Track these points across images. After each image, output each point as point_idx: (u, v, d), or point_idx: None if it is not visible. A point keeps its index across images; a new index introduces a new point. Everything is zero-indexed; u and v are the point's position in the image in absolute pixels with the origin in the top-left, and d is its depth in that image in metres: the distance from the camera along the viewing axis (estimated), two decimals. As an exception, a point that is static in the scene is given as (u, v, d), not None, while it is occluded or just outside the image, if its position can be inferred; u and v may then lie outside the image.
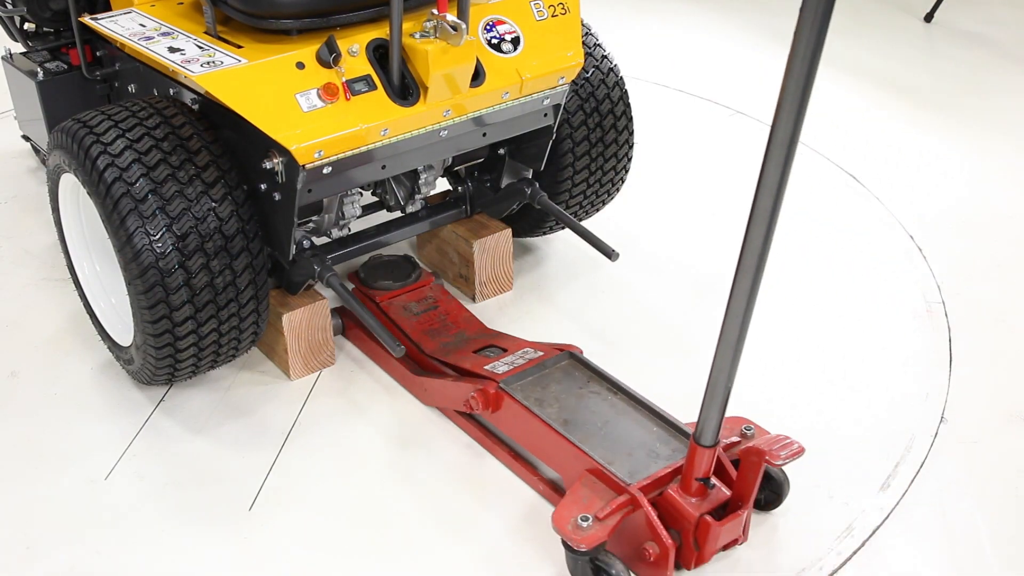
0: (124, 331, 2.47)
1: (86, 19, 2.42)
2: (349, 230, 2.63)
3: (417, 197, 2.68)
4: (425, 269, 2.80)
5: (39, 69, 2.90)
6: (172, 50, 2.17)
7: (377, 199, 2.75)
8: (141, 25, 2.33)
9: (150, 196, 2.12)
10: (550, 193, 2.77)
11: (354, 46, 2.21)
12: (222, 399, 2.50)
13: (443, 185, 2.96)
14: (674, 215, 3.36)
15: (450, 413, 2.43)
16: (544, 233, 3.00)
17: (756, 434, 2.10)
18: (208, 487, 2.25)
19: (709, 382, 1.80)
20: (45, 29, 3.06)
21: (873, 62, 4.66)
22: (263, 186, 2.27)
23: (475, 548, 2.09)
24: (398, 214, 2.77)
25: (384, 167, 2.33)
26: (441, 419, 2.44)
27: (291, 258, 2.36)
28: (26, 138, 3.33)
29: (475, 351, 2.45)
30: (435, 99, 2.25)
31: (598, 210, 3.01)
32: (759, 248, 1.63)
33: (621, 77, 2.79)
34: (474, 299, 2.86)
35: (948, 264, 3.10)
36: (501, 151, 2.75)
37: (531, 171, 2.78)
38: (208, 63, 2.10)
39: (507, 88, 2.38)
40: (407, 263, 2.79)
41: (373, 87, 2.20)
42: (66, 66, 2.91)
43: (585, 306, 2.87)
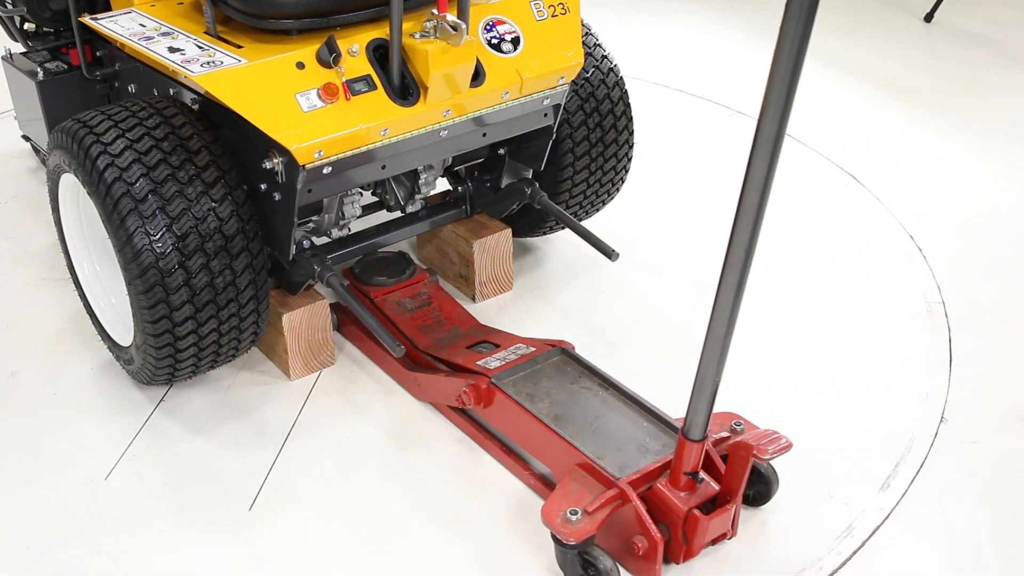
0: (124, 331, 2.47)
1: (86, 19, 2.42)
2: (349, 230, 2.63)
3: (417, 197, 2.68)
4: (419, 266, 2.80)
5: (39, 69, 2.90)
6: (172, 50, 2.17)
7: (377, 199, 2.76)
8: (141, 25, 2.34)
9: (150, 196, 2.12)
10: (550, 193, 2.77)
11: (354, 46, 2.21)
12: (222, 399, 2.50)
13: (443, 185, 2.96)
14: (674, 215, 3.36)
15: (444, 409, 2.44)
16: (544, 233, 3.00)
17: (746, 430, 2.10)
18: (208, 487, 2.25)
19: (697, 377, 1.81)
20: (45, 29, 3.06)
21: (873, 62, 4.66)
22: (263, 186, 2.27)
23: (473, 547, 2.09)
24: (398, 214, 2.77)
25: (384, 167, 2.33)
26: (438, 417, 2.44)
27: (291, 258, 2.36)
28: (26, 138, 3.33)
29: (468, 347, 2.46)
30: (435, 99, 2.25)
31: (598, 210, 3.01)
32: (746, 243, 1.66)
33: (621, 77, 2.79)
34: (474, 299, 2.86)
35: (948, 264, 3.10)
36: (501, 151, 2.75)
37: (531, 171, 2.78)
38: (208, 63, 2.10)
39: (507, 88, 2.38)
40: (402, 259, 2.79)
41: (373, 87, 2.20)
42: (66, 66, 2.91)
43: (585, 306, 2.87)
